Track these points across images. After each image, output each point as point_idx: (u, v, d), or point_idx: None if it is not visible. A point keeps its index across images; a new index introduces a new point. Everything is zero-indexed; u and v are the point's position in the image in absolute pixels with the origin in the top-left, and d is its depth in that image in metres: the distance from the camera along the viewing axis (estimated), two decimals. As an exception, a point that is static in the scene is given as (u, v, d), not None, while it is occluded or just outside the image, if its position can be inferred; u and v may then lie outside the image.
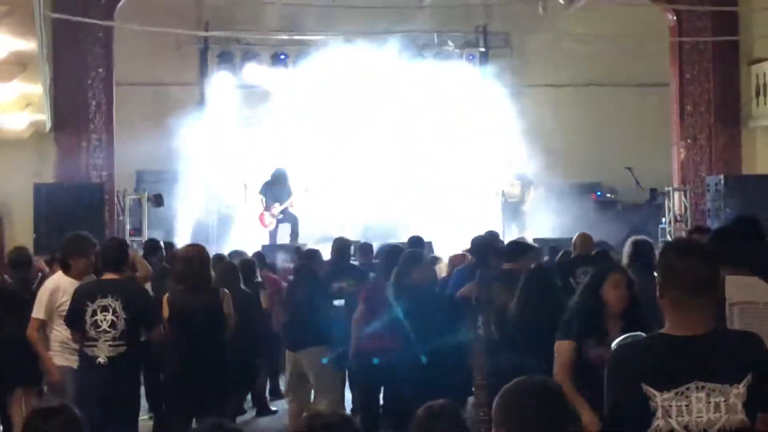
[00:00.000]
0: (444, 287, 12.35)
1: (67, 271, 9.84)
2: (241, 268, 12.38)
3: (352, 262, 14.08)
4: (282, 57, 24.66)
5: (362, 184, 24.03)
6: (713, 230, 10.00)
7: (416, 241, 14.44)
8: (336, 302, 12.34)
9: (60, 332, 9.62)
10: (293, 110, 24.35)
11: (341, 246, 13.55)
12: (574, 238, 13.81)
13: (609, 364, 4.78)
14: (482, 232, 14.08)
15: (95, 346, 9.09)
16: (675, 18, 22.54)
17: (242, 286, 11.78)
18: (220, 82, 24.91)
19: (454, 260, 14.58)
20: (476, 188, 23.80)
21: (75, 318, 9.24)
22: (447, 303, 10.98)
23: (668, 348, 4.60)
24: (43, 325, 9.70)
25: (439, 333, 10.08)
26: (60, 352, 9.68)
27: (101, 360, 9.06)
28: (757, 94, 22.12)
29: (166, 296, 9.67)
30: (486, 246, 12.79)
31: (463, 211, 22.79)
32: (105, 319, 9.09)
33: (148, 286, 10.86)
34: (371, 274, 12.50)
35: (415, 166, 24.27)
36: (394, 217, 23.04)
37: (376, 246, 15.17)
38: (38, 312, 9.69)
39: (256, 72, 24.77)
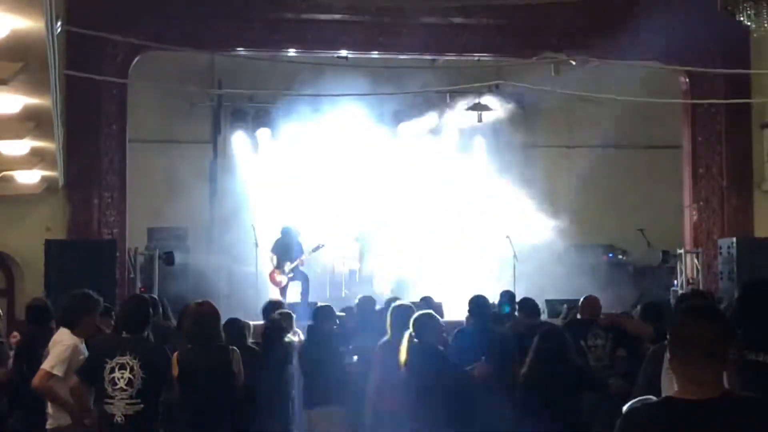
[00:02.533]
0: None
1: (73, 329, 9.75)
2: (272, 328, 12.41)
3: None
4: (294, 115, 24.74)
5: (375, 242, 24.05)
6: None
7: (427, 302, 14.36)
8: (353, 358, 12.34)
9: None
10: (305, 168, 24.45)
11: (366, 303, 13.52)
12: (581, 300, 13.72)
13: (619, 429, 4.73)
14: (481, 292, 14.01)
15: (112, 404, 9.01)
16: (687, 80, 22.58)
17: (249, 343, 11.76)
18: (233, 140, 25.02)
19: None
20: (489, 248, 23.78)
21: (92, 374, 9.15)
22: (459, 379, 10.73)
23: (675, 414, 4.54)
24: (55, 380, 9.52)
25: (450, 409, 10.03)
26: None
27: (118, 419, 8.96)
28: (770, 157, 22.14)
29: (175, 354, 9.60)
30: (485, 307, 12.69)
31: (475, 271, 22.73)
32: (122, 377, 9.00)
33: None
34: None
35: (430, 226, 24.29)
36: (406, 276, 23.05)
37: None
38: (57, 368, 9.48)
39: (268, 131, 24.87)
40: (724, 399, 4.53)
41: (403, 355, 10.43)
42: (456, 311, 15.34)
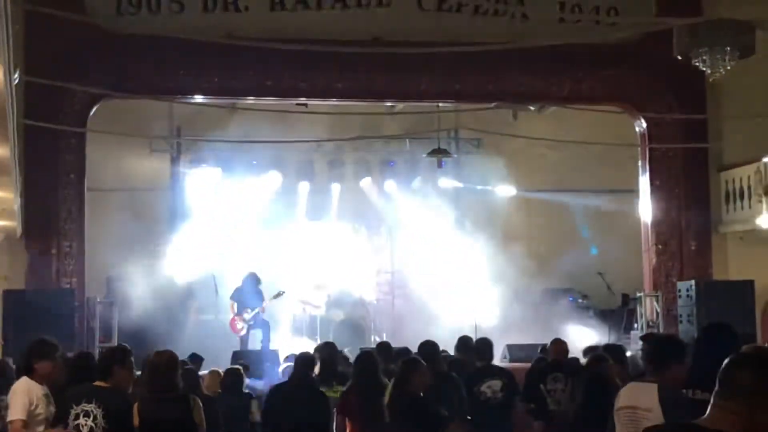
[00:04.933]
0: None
1: (30, 375, 9.72)
2: (229, 377, 12.31)
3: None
4: (254, 163, 24.79)
5: (335, 287, 24.08)
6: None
7: (383, 348, 14.33)
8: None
9: None
10: (263, 215, 24.47)
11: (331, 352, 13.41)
12: (548, 344, 13.77)
13: None
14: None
15: (76, 450, 9.06)
16: (645, 125, 22.73)
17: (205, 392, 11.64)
18: (192, 187, 24.97)
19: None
20: (450, 295, 23.82)
21: (60, 417, 9.22)
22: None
23: None
24: (25, 426, 9.50)
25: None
26: None
27: (81, 465, 9.01)
28: (727, 200, 22.27)
29: (136, 404, 9.53)
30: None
31: (436, 317, 22.72)
32: (86, 425, 9.06)
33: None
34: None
35: (390, 266, 24.35)
36: (369, 320, 23.09)
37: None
38: (19, 413, 9.48)
39: (228, 177, 24.86)
40: None
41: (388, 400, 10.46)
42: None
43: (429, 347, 12.67)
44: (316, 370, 12.23)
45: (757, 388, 4.56)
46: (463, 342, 14.30)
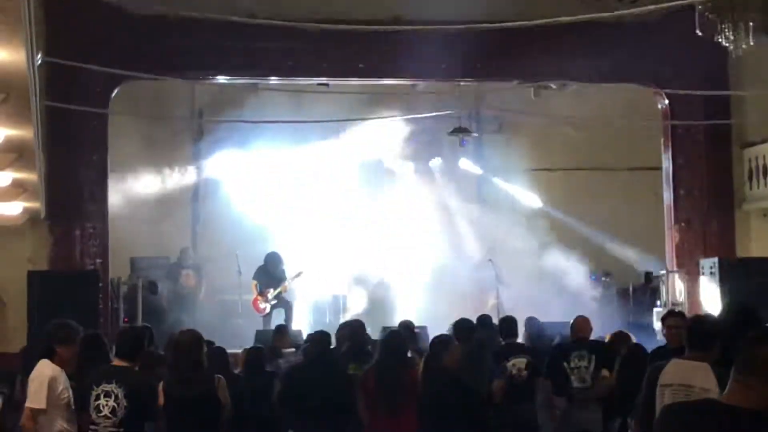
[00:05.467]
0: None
1: (52, 358, 9.72)
2: (251, 355, 12.36)
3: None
4: (276, 141, 24.78)
5: (357, 267, 24.05)
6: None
7: (406, 327, 14.35)
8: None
9: (62, 425, 9.51)
10: (286, 195, 24.49)
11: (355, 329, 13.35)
12: (572, 320, 13.77)
13: (657, 426, 4.99)
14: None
15: (96, 430, 9.09)
16: (667, 102, 22.66)
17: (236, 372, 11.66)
18: (215, 168, 25.00)
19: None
20: (472, 274, 23.81)
21: (82, 401, 9.25)
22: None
23: (713, 415, 4.64)
24: (40, 415, 9.54)
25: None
26: None
27: (101, 446, 9.07)
28: (750, 177, 22.20)
29: (161, 384, 9.57)
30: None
31: (460, 296, 22.71)
32: (107, 405, 9.11)
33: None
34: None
35: (410, 247, 24.30)
36: (390, 300, 23.08)
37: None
38: (37, 401, 9.50)
39: (250, 157, 24.86)
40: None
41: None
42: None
43: (464, 325, 12.79)
44: (344, 348, 12.27)
45: None
46: (482, 320, 14.38)
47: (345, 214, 24.52)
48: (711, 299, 20.18)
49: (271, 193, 24.75)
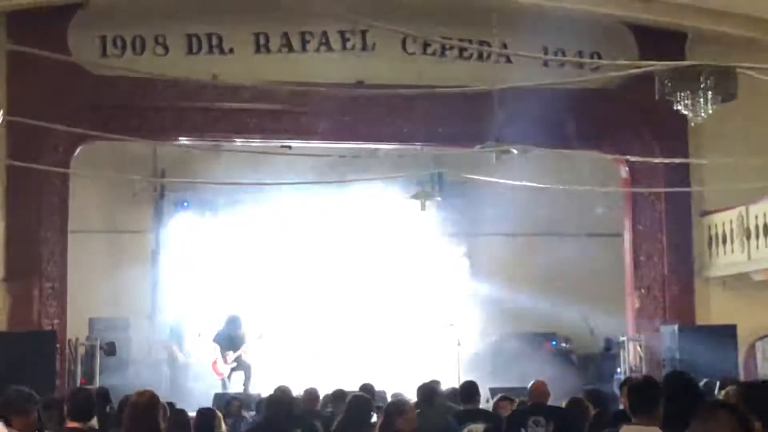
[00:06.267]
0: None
1: (8, 425, 9.59)
2: (200, 418, 12.20)
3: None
4: (236, 204, 24.77)
5: (316, 331, 23.98)
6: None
7: (367, 390, 14.25)
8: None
9: None
10: (247, 257, 24.42)
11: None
12: (530, 385, 13.72)
13: None
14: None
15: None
16: (628, 169, 22.81)
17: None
18: (175, 230, 24.92)
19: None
20: (433, 338, 23.77)
21: None
22: None
23: None
24: None
25: None
26: None
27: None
28: (710, 245, 22.34)
29: (115, 447, 9.47)
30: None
31: (420, 359, 22.67)
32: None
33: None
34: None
35: (371, 314, 24.23)
36: (349, 364, 22.97)
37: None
38: None
39: (211, 220, 24.82)
40: None
41: None
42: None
43: (428, 388, 12.71)
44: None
45: None
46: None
47: (306, 274, 24.46)
48: (671, 366, 20.21)
49: (232, 254, 24.68)
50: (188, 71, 20.24)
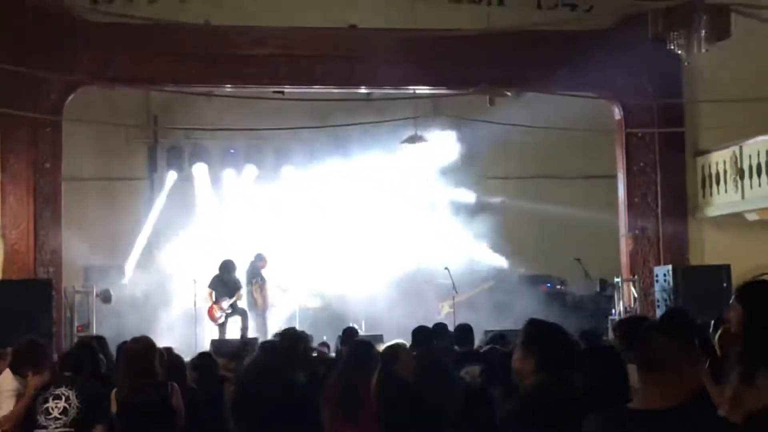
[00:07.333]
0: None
1: (19, 374, 9.70)
2: (199, 361, 12.21)
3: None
4: (232, 151, 24.75)
5: (315, 276, 24.00)
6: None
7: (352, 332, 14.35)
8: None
9: None
10: (244, 203, 24.40)
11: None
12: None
13: None
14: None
15: (45, 432, 9.08)
16: (621, 111, 22.78)
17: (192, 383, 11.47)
18: (169, 177, 24.90)
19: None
20: (425, 279, 23.83)
21: (27, 414, 9.26)
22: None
23: (627, 422, 4.60)
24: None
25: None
26: None
27: (49, 447, 9.02)
28: (703, 185, 22.35)
29: (113, 391, 9.50)
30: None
31: (415, 303, 22.70)
32: (57, 407, 9.09)
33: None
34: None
35: (368, 255, 24.22)
36: (345, 308, 23.03)
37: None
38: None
39: (205, 166, 24.80)
40: (679, 410, 4.55)
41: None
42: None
43: (422, 332, 12.75)
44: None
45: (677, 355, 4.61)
46: (437, 329, 14.35)
47: (304, 221, 24.43)
48: (665, 306, 20.28)
49: (228, 200, 24.69)
50: (180, 17, 20.16)
